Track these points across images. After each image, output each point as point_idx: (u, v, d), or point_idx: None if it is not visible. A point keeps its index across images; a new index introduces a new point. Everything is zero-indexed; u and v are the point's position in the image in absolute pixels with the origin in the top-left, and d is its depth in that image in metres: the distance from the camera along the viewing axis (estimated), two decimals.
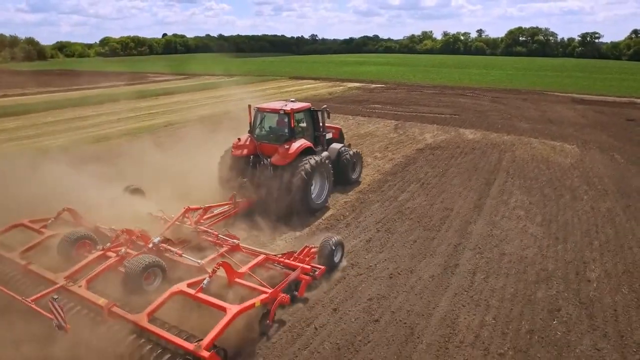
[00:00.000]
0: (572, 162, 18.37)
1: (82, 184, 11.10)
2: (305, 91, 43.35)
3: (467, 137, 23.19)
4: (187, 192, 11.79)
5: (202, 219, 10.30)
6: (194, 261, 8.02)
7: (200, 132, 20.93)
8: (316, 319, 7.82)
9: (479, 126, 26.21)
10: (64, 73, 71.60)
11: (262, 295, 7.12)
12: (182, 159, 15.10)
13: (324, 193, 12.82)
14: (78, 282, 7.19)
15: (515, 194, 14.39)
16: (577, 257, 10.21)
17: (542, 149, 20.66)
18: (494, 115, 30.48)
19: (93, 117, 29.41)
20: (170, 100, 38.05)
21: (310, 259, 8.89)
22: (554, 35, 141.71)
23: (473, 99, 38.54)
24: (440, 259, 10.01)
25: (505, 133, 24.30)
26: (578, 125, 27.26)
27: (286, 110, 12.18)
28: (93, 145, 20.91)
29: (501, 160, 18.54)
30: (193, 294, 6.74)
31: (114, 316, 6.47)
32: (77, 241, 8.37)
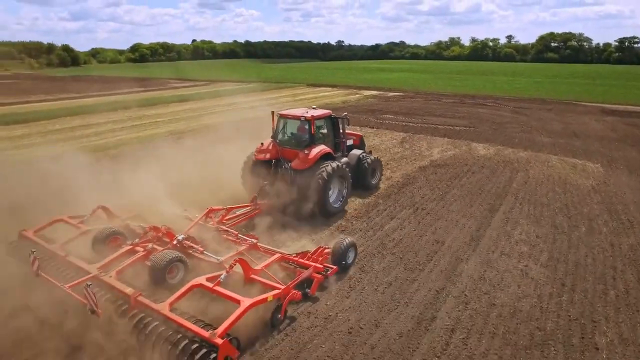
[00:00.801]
0: (593, 185, 16.22)
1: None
2: (319, 99, 41.98)
3: (478, 152, 21.22)
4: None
5: (224, 219, 10.82)
6: (213, 258, 8.52)
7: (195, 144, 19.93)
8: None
9: (494, 140, 24.13)
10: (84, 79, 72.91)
11: (275, 290, 7.57)
12: (149, 182, 13.01)
13: (342, 197, 13.15)
14: (109, 273, 7.82)
15: (521, 224, 12.50)
16: (586, 312, 8.34)
17: (561, 168, 18.51)
18: (513, 127, 28.23)
19: (99, 125, 28.98)
20: (180, 108, 37.46)
21: (323, 259, 9.25)
22: (588, 40, 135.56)
23: (493, 109, 36.22)
24: (415, 310, 8.36)
25: (522, 148, 22.17)
26: (605, 140, 24.77)
27: (307, 117, 12.59)
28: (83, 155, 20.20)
29: (512, 181, 16.57)
30: (211, 287, 7.20)
31: (139, 304, 7.00)
32: (109, 236, 9.15)
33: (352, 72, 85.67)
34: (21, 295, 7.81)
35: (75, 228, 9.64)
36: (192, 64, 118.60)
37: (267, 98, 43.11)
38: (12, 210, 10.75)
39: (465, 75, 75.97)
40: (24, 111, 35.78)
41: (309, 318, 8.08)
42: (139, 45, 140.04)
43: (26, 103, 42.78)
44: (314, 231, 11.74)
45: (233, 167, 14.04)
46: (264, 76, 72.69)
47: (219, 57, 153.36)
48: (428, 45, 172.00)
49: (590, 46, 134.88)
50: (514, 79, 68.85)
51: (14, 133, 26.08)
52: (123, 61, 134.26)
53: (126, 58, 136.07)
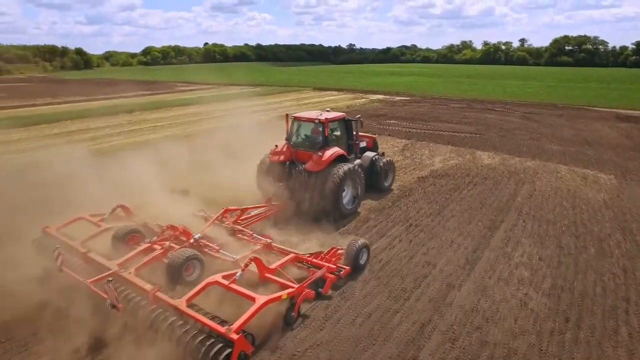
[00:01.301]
0: (605, 199, 14.96)
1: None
2: (324, 104, 41.05)
3: (482, 162, 20.02)
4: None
5: (239, 220, 11.04)
6: (229, 256, 8.68)
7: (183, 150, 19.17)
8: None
9: (501, 148, 22.89)
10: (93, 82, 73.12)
11: (289, 289, 7.73)
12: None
13: (356, 199, 13.21)
14: (128, 270, 7.99)
15: (523, 244, 11.36)
16: (593, 356, 7.22)
17: (570, 180, 17.25)
18: (521, 134, 26.91)
19: (98, 130, 28.49)
20: (182, 112, 36.86)
21: (336, 259, 9.40)
22: (604, 43, 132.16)
23: (502, 115, 34.87)
24: (394, 349, 7.32)
25: (529, 157, 20.91)
26: (620, 148, 23.35)
27: (321, 120, 12.76)
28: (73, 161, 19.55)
29: (516, 194, 15.39)
30: (227, 284, 7.33)
31: (157, 300, 7.11)
32: (128, 234, 9.33)
33: (361, 75, 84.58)
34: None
35: (96, 226, 9.94)
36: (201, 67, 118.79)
37: (270, 102, 42.34)
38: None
39: (476, 79, 74.33)
40: (26, 114, 35.56)
41: (273, 354, 7.12)
42: (150, 49, 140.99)
43: (32, 106, 42.73)
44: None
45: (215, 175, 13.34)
46: (272, 80, 72.07)
47: (230, 61, 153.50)
48: (439, 49, 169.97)
49: (606, 49, 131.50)
50: (525, 83, 67.07)
51: (11, 137, 25.61)
52: (135, 64, 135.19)
53: (138, 61, 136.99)
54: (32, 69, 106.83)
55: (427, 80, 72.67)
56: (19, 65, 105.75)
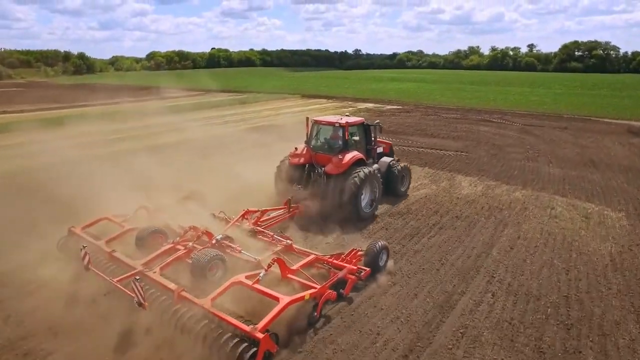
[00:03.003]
0: (613, 253, 10.93)
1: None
2: (304, 113, 37.31)
3: (461, 191, 16.05)
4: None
5: (259, 221, 10.89)
6: (251, 257, 8.59)
7: None
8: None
9: (487, 172, 18.87)
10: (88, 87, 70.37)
11: (312, 289, 7.67)
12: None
13: (374, 203, 13.11)
14: (153, 269, 8.08)
15: (484, 344, 7.42)
16: None
17: (568, 220, 13.24)
18: (516, 153, 22.81)
19: (44, 143, 25.03)
20: (152, 122, 33.40)
21: (356, 260, 9.23)
22: (615, 49, 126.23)
23: (497, 127, 30.71)
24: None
25: (519, 185, 16.87)
26: (632, 172, 19.17)
27: (341, 124, 12.84)
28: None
29: (493, 244, 11.44)
30: (250, 284, 7.34)
31: (183, 299, 7.18)
32: (152, 234, 9.29)
33: (361, 81, 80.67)
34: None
35: (119, 226, 10.00)
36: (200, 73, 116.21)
37: (248, 111, 38.94)
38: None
39: (479, 85, 69.89)
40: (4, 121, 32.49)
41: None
42: (154, 54, 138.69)
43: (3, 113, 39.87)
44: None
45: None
46: (265, 86, 68.63)
47: (235, 66, 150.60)
48: (446, 55, 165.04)
49: (617, 55, 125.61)
50: (531, 90, 62.49)
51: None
52: (139, 69, 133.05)
53: (142, 66, 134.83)
54: (33, 74, 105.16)
55: (427, 87, 68.47)
56: (20, 70, 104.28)
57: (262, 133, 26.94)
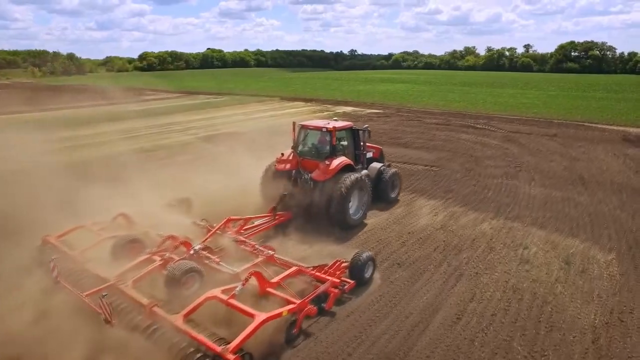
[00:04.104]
0: (598, 326, 7.91)
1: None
2: (277, 118, 34.34)
3: (416, 222, 13.03)
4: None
5: (242, 230, 10.40)
6: (229, 269, 8.15)
7: None
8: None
9: (456, 193, 15.86)
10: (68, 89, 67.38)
11: (290, 305, 7.20)
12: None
13: (362, 209, 12.54)
14: (126, 282, 7.55)
15: None
16: None
17: (543, 265, 10.23)
18: (495, 167, 19.78)
19: None
20: (108, 129, 30.39)
21: (340, 273, 8.77)
22: (612, 49, 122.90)
23: (480, 135, 27.65)
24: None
25: (491, 212, 13.86)
26: (627, 192, 16.16)
27: (328, 128, 12.27)
28: None
29: (435, 308, 8.43)
30: (225, 299, 6.85)
31: (154, 315, 6.75)
32: (128, 244, 8.80)
33: (351, 82, 77.53)
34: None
35: (96, 235, 9.46)
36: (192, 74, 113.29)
37: (218, 116, 35.97)
38: None
39: (470, 87, 66.75)
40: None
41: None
42: (146, 54, 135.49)
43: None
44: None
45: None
46: (251, 88, 65.64)
47: (228, 67, 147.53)
48: (442, 55, 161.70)
49: (613, 55, 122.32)
50: (523, 92, 59.38)
51: None
52: (131, 70, 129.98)
53: (134, 67, 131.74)
54: (20, 74, 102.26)
55: (417, 88, 65.34)
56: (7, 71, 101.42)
57: (216, 143, 23.99)
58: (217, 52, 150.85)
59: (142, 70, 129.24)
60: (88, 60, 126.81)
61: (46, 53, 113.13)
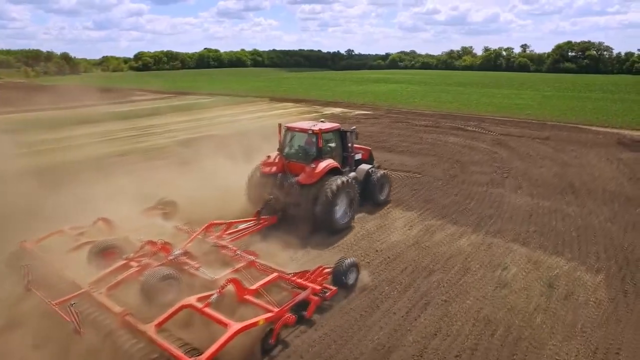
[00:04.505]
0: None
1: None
2: (264, 119, 33.18)
3: (387, 237, 11.86)
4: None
5: (224, 234, 10.11)
6: (208, 275, 7.84)
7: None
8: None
9: (436, 203, 14.70)
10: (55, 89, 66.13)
11: (267, 314, 6.93)
12: None
13: (349, 213, 12.18)
14: (100, 289, 7.32)
15: None
16: None
17: (523, 290, 9.08)
18: (481, 173, 18.62)
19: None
20: (94, 130, 29.22)
21: (322, 279, 8.50)
22: (608, 49, 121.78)
23: (470, 138, 26.48)
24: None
25: (471, 225, 12.70)
26: (619, 201, 15.03)
27: (314, 131, 11.99)
28: None
29: (391, 348, 7.27)
30: (200, 308, 6.63)
31: (126, 324, 6.53)
32: (105, 250, 8.54)
33: (345, 83, 76.32)
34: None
35: (74, 240, 9.18)
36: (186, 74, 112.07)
37: (202, 117, 34.77)
38: None
39: (465, 87, 65.56)
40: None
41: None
42: (142, 54, 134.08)
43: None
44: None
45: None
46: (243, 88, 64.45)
47: (225, 66, 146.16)
48: (439, 55, 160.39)
49: (610, 55, 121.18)
50: (518, 92, 58.21)
51: None
52: (126, 70, 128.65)
53: (129, 67, 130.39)
54: (13, 74, 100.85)
55: (411, 88, 64.14)
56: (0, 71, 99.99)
57: (193, 146, 22.80)
58: (213, 52, 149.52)
59: (137, 70, 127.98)
60: (83, 60, 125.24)
61: (40, 53, 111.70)
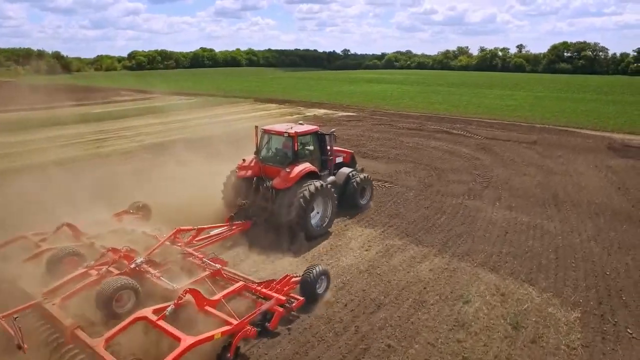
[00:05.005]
0: None
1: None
2: (243, 121, 31.65)
3: (338, 261, 10.34)
4: None
5: (194, 240, 9.78)
6: (170, 285, 7.44)
7: None
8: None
9: (402, 218, 13.21)
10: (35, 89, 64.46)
11: (225, 326, 6.49)
12: None
13: (327, 219, 11.77)
14: (53, 300, 6.92)
15: None
16: None
17: (484, 330, 7.60)
18: (459, 182, 17.13)
19: None
20: (61, 133, 27.70)
21: (289, 288, 8.02)
22: (604, 50, 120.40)
23: (453, 142, 24.99)
24: None
25: (436, 246, 11.22)
26: (606, 215, 13.62)
27: (290, 133, 11.48)
28: None
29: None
30: (154, 320, 6.27)
31: (75, 339, 6.20)
32: (65, 257, 8.18)
33: (336, 83, 74.78)
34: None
35: (36, 246, 8.75)
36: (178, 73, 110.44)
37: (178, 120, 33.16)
38: None
39: (457, 87, 64.09)
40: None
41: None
42: (136, 53, 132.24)
43: None
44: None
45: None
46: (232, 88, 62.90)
47: (220, 66, 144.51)
48: (435, 55, 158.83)
49: (606, 56, 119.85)
50: (512, 92, 56.81)
51: None
52: (119, 69, 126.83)
53: (123, 66, 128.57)
54: (3, 73, 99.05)
55: (402, 89, 62.65)
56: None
57: (158, 152, 21.38)
58: (208, 51, 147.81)
59: (131, 70, 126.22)
60: (76, 59, 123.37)
61: (31, 51, 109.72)
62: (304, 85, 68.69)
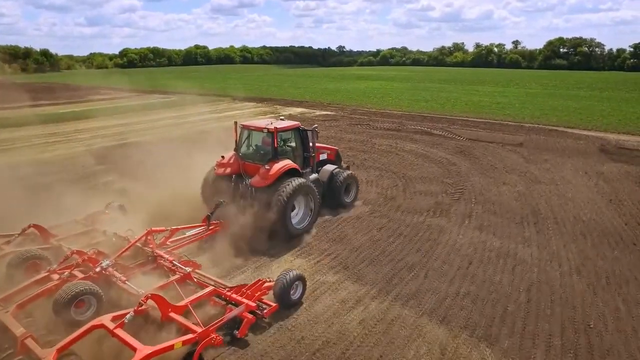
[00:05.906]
0: None
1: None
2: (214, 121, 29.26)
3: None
4: None
5: (167, 242, 9.21)
6: (135, 290, 7.00)
7: None
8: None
9: (347, 243, 10.80)
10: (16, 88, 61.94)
11: (187, 335, 6.06)
12: None
13: (308, 218, 11.30)
14: (7, 307, 6.51)
15: None
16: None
17: None
18: (426, 193, 14.74)
19: None
20: (6, 136, 25.31)
21: (261, 294, 7.49)
22: (600, 46, 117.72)
23: (431, 144, 22.56)
24: None
25: (377, 284, 8.84)
26: (594, 235, 11.27)
27: (270, 129, 11.02)
28: None
29: None
30: (111, 329, 5.81)
31: (25, 349, 5.86)
32: (27, 261, 7.75)
33: (326, 80, 72.23)
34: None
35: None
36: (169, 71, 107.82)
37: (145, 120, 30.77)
38: None
39: (449, 84, 61.59)
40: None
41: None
42: (127, 51, 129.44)
43: None
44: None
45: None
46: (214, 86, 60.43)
47: (213, 63, 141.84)
48: (431, 52, 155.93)
49: (602, 52, 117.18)
50: (503, 89, 54.33)
51: None
52: (110, 67, 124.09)
53: (114, 63, 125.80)
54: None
55: (391, 86, 60.15)
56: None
57: (105, 159, 19.09)
58: (201, 48, 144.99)
59: (122, 67, 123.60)
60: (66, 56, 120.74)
61: (18, 49, 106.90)
62: (290, 82, 66.14)
